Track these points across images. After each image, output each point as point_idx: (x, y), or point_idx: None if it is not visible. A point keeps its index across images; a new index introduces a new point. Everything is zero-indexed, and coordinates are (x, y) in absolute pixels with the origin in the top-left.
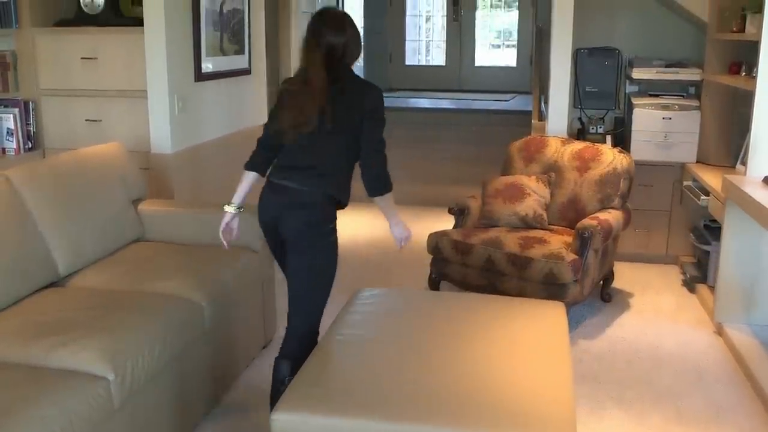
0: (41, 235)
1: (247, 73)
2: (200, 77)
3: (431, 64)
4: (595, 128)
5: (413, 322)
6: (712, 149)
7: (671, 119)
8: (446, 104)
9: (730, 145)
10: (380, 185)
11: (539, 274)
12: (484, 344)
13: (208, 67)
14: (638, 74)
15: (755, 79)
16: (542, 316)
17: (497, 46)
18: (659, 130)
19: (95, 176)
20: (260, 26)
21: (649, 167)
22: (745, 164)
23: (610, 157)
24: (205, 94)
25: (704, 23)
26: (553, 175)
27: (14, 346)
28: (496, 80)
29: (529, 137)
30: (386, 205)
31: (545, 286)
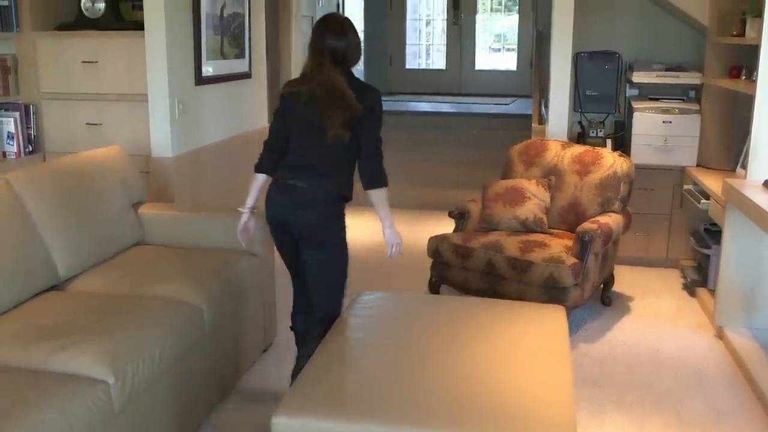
0: (41, 238)
1: (247, 76)
2: (201, 81)
3: (431, 67)
4: (595, 132)
5: (413, 325)
6: (712, 153)
7: (671, 123)
8: (446, 108)
9: (730, 148)
10: (376, 180)
11: (539, 277)
12: (484, 348)
13: (208, 70)
14: (638, 78)
15: (755, 82)
16: (542, 319)
17: (497, 49)
18: (659, 133)
19: (96, 180)
20: (260, 30)
21: (649, 171)
22: (745, 168)
23: (610, 160)
24: (205, 97)
25: (704, 27)
26: (553, 178)
27: (15, 349)
28: (496, 84)
29: (529, 141)
30: (379, 200)
31: (545, 289)
